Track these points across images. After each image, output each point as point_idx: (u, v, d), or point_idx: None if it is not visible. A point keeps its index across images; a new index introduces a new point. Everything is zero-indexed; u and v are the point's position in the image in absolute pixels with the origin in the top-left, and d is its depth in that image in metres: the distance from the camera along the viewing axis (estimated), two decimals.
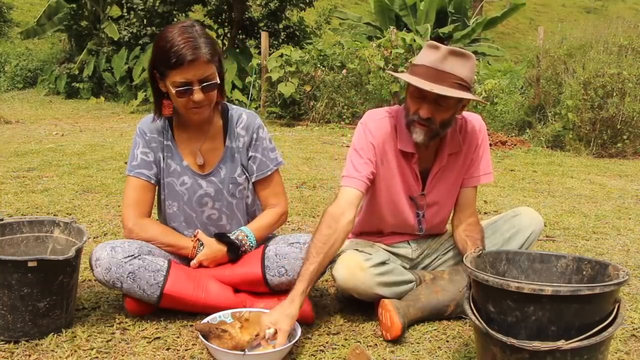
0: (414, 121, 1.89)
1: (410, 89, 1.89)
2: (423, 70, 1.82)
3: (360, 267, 1.92)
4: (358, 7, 20.08)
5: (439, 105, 1.84)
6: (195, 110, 1.91)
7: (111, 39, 11.91)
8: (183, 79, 1.84)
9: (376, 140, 1.98)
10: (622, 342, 1.90)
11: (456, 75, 1.80)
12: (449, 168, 2.05)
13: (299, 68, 8.46)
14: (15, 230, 2.04)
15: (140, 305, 1.95)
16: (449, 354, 1.79)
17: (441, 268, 2.16)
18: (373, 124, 2.00)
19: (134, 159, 2.03)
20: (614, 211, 3.83)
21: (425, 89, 1.78)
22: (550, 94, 7.46)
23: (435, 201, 2.09)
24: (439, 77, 1.79)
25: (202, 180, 2.06)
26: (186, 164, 2.05)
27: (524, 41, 15.14)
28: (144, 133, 2.04)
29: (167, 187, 2.06)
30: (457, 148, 2.04)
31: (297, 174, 4.79)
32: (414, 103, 1.88)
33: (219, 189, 2.06)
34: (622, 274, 1.45)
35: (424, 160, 2.04)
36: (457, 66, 1.80)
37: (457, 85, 1.80)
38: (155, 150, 2.04)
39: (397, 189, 2.04)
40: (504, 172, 5.30)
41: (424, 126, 1.88)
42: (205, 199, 2.06)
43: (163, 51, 1.83)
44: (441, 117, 1.87)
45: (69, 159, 5.18)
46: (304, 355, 1.76)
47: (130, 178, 2.03)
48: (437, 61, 1.81)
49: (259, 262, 1.96)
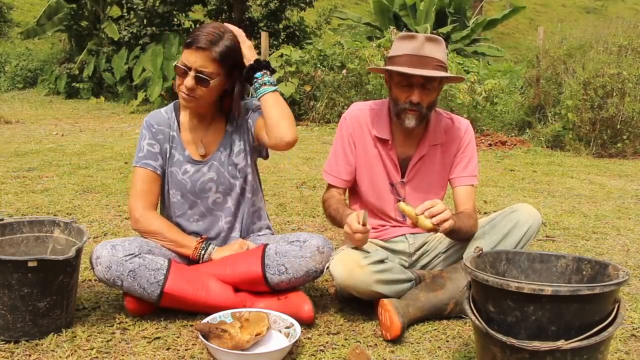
0: (404, 109, 2.03)
1: (395, 80, 2.03)
2: (406, 59, 1.98)
3: (358, 265, 1.92)
4: (358, 7, 20.07)
5: (426, 89, 2.01)
6: (182, 95, 1.99)
7: (111, 39, 11.90)
8: (185, 60, 1.95)
9: (353, 130, 2.17)
10: (622, 342, 1.90)
11: (436, 58, 1.98)
12: (430, 158, 2.16)
13: (299, 68, 8.45)
14: (16, 230, 2.05)
15: (141, 305, 1.96)
16: (449, 354, 1.79)
17: (440, 267, 2.16)
18: (350, 114, 2.20)
19: (140, 150, 2.08)
20: (614, 211, 3.83)
21: (416, 74, 1.95)
22: (550, 94, 7.45)
23: (417, 190, 2.17)
24: (423, 62, 1.96)
25: (204, 166, 2.11)
26: (188, 154, 2.11)
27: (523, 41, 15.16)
28: (150, 125, 2.10)
29: (170, 177, 2.11)
30: (439, 140, 2.16)
31: (297, 174, 4.79)
32: (403, 92, 2.02)
33: (220, 172, 2.11)
34: (622, 274, 1.45)
35: (405, 148, 2.17)
36: (434, 50, 1.98)
37: (439, 67, 1.98)
38: (161, 142, 2.09)
39: (377, 176, 2.17)
40: (504, 172, 5.30)
41: (415, 111, 2.02)
42: (209, 185, 2.11)
43: (193, 30, 1.98)
44: (428, 100, 2.03)
45: (69, 159, 5.18)
46: (304, 355, 1.76)
47: (138, 169, 2.07)
48: (417, 48, 1.97)
49: (259, 260, 1.96)
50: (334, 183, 2.20)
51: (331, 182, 2.21)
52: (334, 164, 2.20)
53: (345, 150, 2.18)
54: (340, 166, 2.19)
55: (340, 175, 2.19)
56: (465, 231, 2.02)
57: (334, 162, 2.20)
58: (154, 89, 10.29)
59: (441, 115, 2.20)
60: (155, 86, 10.30)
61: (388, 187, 2.18)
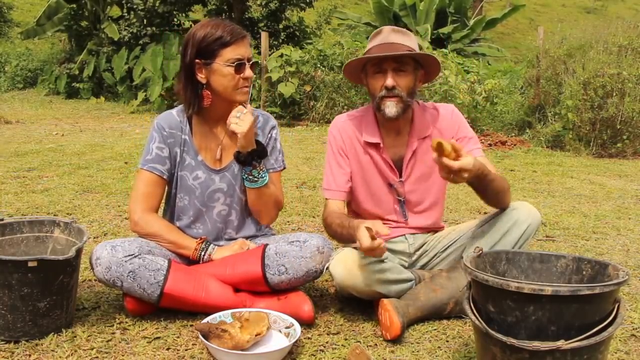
0: (382, 97, 2.03)
1: (370, 73, 2.05)
2: (376, 49, 2.03)
3: (358, 264, 1.92)
4: (358, 7, 20.08)
5: (400, 72, 2.01)
6: (244, 90, 2.02)
7: (111, 39, 11.91)
8: (238, 55, 1.97)
9: (342, 142, 2.16)
10: (622, 342, 1.90)
11: (405, 45, 2.02)
12: (422, 152, 2.15)
13: (299, 68, 8.45)
14: (16, 230, 2.05)
15: (141, 305, 1.96)
16: (449, 354, 1.79)
17: (440, 267, 2.16)
18: (336, 128, 2.18)
19: (148, 153, 2.05)
20: (614, 211, 3.83)
21: (385, 55, 1.97)
22: (550, 94, 7.45)
23: (416, 187, 2.16)
24: (392, 48, 2.00)
25: (216, 176, 2.09)
26: (201, 159, 2.08)
27: (523, 41, 15.15)
28: (162, 128, 2.06)
29: (179, 180, 2.09)
30: (427, 132, 2.14)
31: (297, 174, 4.79)
32: (377, 81, 2.04)
33: (231, 184, 2.10)
34: (622, 274, 1.45)
35: (396, 149, 2.15)
36: (402, 38, 2.04)
37: (408, 51, 2.01)
38: (172, 146, 2.07)
39: (373, 181, 2.16)
40: (504, 172, 5.30)
41: (392, 97, 2.01)
42: (218, 194, 2.09)
43: (211, 35, 1.96)
44: (405, 84, 2.02)
45: (69, 159, 5.18)
46: (304, 355, 1.76)
47: (143, 172, 2.05)
48: (384, 38, 2.04)
49: (259, 260, 1.96)
50: (335, 197, 2.14)
51: (333, 197, 2.14)
52: (331, 179, 2.16)
53: (339, 162, 2.15)
54: (338, 178, 2.15)
55: (340, 187, 2.14)
56: (496, 180, 1.91)
57: (331, 177, 2.16)
58: (154, 89, 10.30)
59: (425, 107, 2.18)
60: (156, 86, 10.30)
61: (386, 190, 2.16)
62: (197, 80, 2.00)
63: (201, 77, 2.00)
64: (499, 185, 1.95)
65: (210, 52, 1.96)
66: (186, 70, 2.01)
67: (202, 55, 1.97)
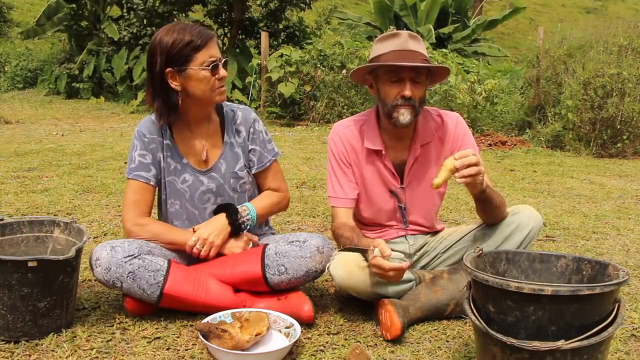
0: (396, 106, 1.99)
1: (384, 78, 2.01)
2: (393, 55, 1.98)
3: (358, 265, 1.92)
4: (358, 7, 20.07)
5: (416, 83, 1.99)
6: (222, 89, 1.99)
7: (111, 39, 11.90)
8: (211, 57, 1.93)
9: (345, 150, 2.13)
10: (622, 342, 1.90)
11: (420, 52, 2.00)
12: (424, 158, 2.14)
13: (299, 68, 8.45)
14: (16, 230, 2.04)
15: (140, 305, 1.95)
16: (449, 354, 1.79)
17: (440, 267, 2.16)
18: (337, 136, 2.16)
19: (132, 162, 2.05)
20: (614, 211, 3.83)
21: (408, 65, 1.94)
22: (550, 94, 7.46)
23: (417, 193, 2.15)
24: (411, 56, 1.97)
25: (203, 177, 2.07)
26: (186, 162, 2.07)
27: (524, 41, 15.15)
28: (142, 135, 2.05)
29: (168, 186, 2.08)
30: (429, 139, 2.13)
31: (297, 174, 4.79)
32: (393, 88, 2.00)
33: (220, 184, 2.08)
34: (622, 274, 1.45)
35: (398, 154, 2.14)
36: (418, 46, 2.01)
37: (424, 61, 1.99)
38: (154, 152, 2.05)
39: (375, 187, 2.14)
40: (504, 172, 5.30)
41: (408, 106, 1.99)
42: (207, 195, 2.08)
43: (180, 40, 1.90)
44: (419, 94, 2.01)
45: (69, 159, 5.18)
46: (304, 355, 1.76)
47: (130, 181, 2.05)
48: (402, 44, 1.99)
49: (258, 260, 1.96)
50: (344, 205, 2.12)
51: (341, 205, 2.12)
52: (337, 187, 2.13)
53: (343, 169, 2.13)
54: (345, 186, 2.12)
55: (347, 195, 2.12)
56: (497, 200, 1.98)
57: (337, 185, 2.13)
58: None
59: (429, 113, 2.16)
60: None
61: (387, 195, 2.14)
62: (170, 88, 1.95)
63: (175, 84, 1.94)
64: (498, 198, 2.00)
65: (183, 58, 1.91)
66: (157, 80, 1.95)
67: (173, 62, 1.91)
